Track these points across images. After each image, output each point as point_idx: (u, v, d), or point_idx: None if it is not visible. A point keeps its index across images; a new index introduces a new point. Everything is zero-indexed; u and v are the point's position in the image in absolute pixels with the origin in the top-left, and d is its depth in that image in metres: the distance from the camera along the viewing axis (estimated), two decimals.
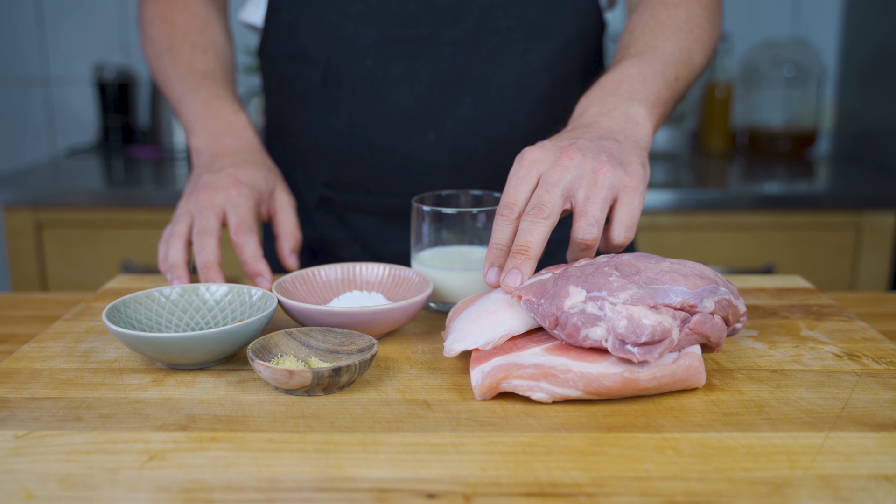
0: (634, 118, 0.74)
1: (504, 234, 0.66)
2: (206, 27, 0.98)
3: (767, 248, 1.77)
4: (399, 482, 0.47)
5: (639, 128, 0.74)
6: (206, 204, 0.81)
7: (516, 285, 0.63)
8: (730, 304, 0.61)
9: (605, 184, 0.66)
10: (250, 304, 0.70)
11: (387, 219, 0.98)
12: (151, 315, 0.69)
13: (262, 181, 0.85)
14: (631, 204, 0.68)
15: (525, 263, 0.63)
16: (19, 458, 0.50)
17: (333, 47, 0.92)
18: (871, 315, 0.83)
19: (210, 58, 0.95)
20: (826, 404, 0.57)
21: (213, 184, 0.82)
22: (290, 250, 0.86)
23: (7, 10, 2.24)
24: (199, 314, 0.71)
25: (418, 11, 0.90)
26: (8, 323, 0.83)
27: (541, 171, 0.67)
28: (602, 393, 0.57)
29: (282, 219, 0.87)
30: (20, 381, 0.62)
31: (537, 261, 0.64)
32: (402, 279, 0.77)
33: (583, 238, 0.66)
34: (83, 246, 1.76)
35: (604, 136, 0.71)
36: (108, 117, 2.18)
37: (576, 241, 0.66)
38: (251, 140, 0.91)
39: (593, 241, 0.66)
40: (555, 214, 0.65)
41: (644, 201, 0.70)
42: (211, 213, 0.80)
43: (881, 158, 1.98)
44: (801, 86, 2.13)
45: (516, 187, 0.67)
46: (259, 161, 0.88)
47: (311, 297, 0.76)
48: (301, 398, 0.59)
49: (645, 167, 0.70)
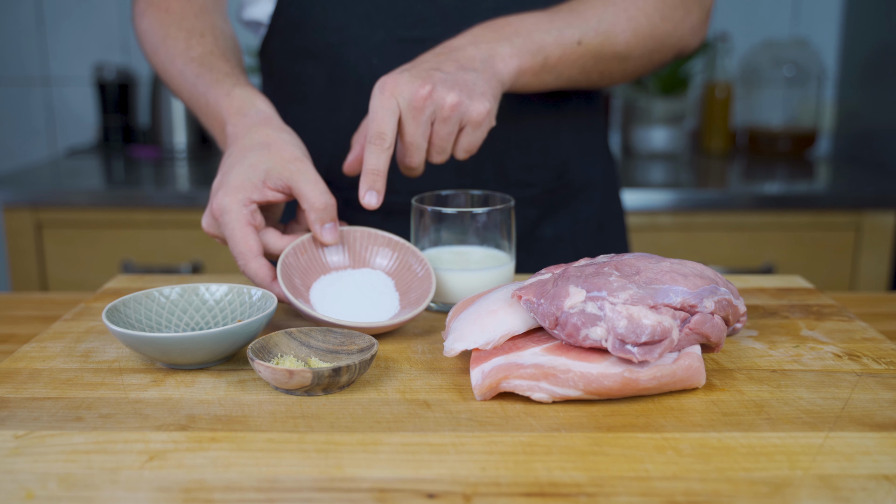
0: (500, 55, 0.80)
1: (379, 161, 0.74)
2: (203, 12, 0.94)
3: (767, 248, 1.77)
4: (399, 482, 0.47)
5: (500, 64, 0.80)
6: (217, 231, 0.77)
7: (376, 204, 0.74)
8: (730, 304, 0.61)
9: (453, 119, 0.75)
10: (250, 304, 0.70)
11: (388, 217, 0.98)
12: (151, 315, 0.69)
13: (254, 172, 0.75)
14: (473, 135, 0.78)
15: (378, 181, 0.74)
16: (19, 458, 0.50)
17: (340, 45, 0.92)
18: (871, 315, 0.83)
19: (207, 40, 0.90)
20: (826, 404, 0.57)
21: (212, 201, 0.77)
22: (321, 222, 0.75)
23: (7, 10, 2.24)
24: (199, 314, 0.71)
25: (426, 12, 0.91)
26: (8, 323, 0.83)
27: (400, 101, 0.74)
28: (602, 393, 0.57)
29: (301, 189, 0.74)
30: (20, 381, 0.62)
31: (385, 179, 0.75)
32: (407, 264, 0.77)
33: (407, 163, 0.78)
34: (83, 246, 1.76)
35: (464, 65, 0.78)
36: (108, 117, 2.18)
37: (401, 162, 0.78)
38: (247, 118, 0.81)
39: (417, 164, 0.78)
40: (393, 143, 0.74)
41: (487, 129, 0.78)
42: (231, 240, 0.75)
43: (881, 158, 1.98)
44: (801, 86, 2.13)
45: (384, 118, 0.74)
46: (255, 143, 0.77)
47: (312, 266, 0.76)
48: (301, 398, 0.59)
49: (496, 99, 0.78)
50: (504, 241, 0.79)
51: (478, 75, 0.77)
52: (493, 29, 0.82)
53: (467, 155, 0.79)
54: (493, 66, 0.79)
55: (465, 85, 0.76)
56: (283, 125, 0.81)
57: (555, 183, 1.00)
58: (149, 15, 0.94)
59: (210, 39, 0.90)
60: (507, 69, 0.80)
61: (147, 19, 0.94)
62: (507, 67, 0.80)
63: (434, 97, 0.74)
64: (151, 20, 0.93)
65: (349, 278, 0.75)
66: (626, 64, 0.90)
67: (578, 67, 0.86)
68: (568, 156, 1.00)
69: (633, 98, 2.16)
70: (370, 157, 0.74)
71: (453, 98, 0.74)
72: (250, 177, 0.74)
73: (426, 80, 0.74)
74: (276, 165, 0.75)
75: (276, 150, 0.76)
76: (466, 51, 0.79)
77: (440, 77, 0.75)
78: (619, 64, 0.89)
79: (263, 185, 0.74)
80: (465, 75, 0.76)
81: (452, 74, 0.76)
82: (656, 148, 2.14)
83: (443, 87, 0.74)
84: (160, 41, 0.91)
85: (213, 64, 0.87)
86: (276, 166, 0.75)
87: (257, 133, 0.78)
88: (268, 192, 0.75)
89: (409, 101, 0.74)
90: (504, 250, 0.79)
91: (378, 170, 0.74)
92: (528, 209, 0.98)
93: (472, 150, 0.79)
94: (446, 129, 0.76)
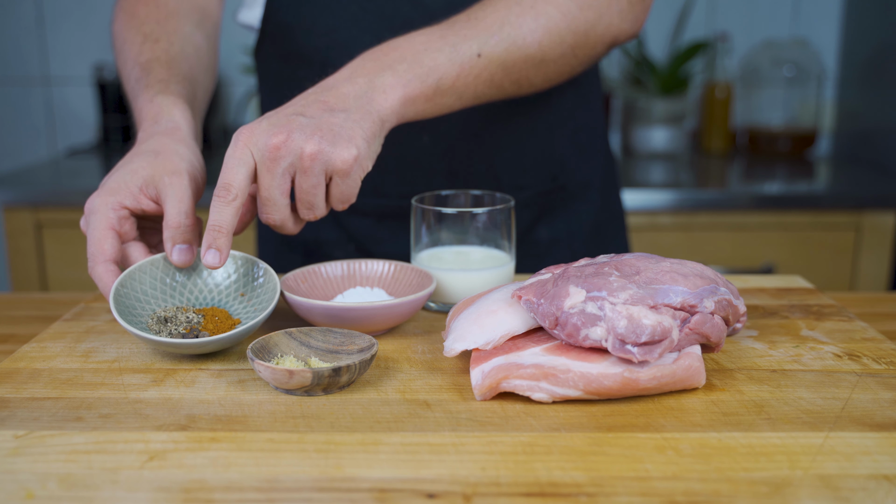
0: (380, 87, 0.73)
1: (222, 215, 0.67)
2: (169, 19, 0.89)
3: (767, 248, 1.77)
4: (399, 482, 0.47)
5: (380, 97, 0.73)
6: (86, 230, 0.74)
7: (217, 263, 0.67)
8: (730, 304, 0.61)
9: (315, 170, 0.69)
10: (254, 278, 0.72)
11: (381, 220, 0.98)
12: (156, 283, 0.70)
13: (132, 178, 0.72)
14: (344, 185, 0.71)
15: (219, 238, 0.67)
16: (19, 458, 0.50)
17: (329, 49, 0.92)
18: (871, 315, 0.83)
19: (160, 46, 0.85)
20: (826, 404, 0.57)
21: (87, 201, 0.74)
22: (172, 241, 0.70)
23: (7, 10, 2.24)
24: (205, 285, 0.72)
25: (413, 14, 0.90)
26: (8, 323, 0.83)
27: (254, 153, 0.68)
28: (602, 393, 0.57)
29: (165, 204, 0.71)
30: (20, 381, 0.62)
31: (231, 237, 0.68)
32: (405, 276, 0.77)
33: (265, 219, 0.71)
34: (83, 246, 1.74)
35: (332, 107, 0.71)
36: (108, 117, 2.18)
37: (262, 219, 0.71)
38: (156, 126, 0.78)
39: (280, 222, 0.71)
40: (241, 196, 0.68)
41: (361, 177, 0.72)
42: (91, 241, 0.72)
43: (881, 158, 1.98)
44: (801, 86, 2.13)
45: (233, 168, 0.67)
46: (146, 150, 0.75)
47: (313, 293, 0.76)
48: (301, 398, 0.59)
49: (369, 141, 0.71)
50: (504, 241, 0.79)
51: (347, 116, 0.70)
52: (374, 57, 0.75)
53: (344, 206, 0.73)
54: (370, 101, 0.72)
55: (329, 130, 0.69)
56: (187, 138, 0.77)
57: (549, 185, 0.99)
58: (118, 19, 0.92)
59: (163, 45, 0.86)
60: (388, 102, 0.73)
61: (116, 23, 0.92)
62: (388, 100, 0.73)
63: (290, 146, 0.67)
64: (119, 24, 0.92)
65: (350, 294, 0.76)
66: (546, 67, 0.82)
67: (485, 82, 0.78)
68: (563, 157, 1.00)
69: (633, 98, 2.16)
70: (213, 211, 0.67)
71: (312, 147, 0.67)
72: (128, 182, 0.71)
73: (282, 129, 0.68)
74: (154, 174, 0.72)
75: (162, 160, 0.73)
76: (340, 89, 0.72)
77: (300, 124, 0.68)
78: (537, 69, 0.81)
79: (140, 192, 0.72)
80: (331, 118, 0.70)
81: (316, 119, 0.69)
82: (656, 148, 2.14)
83: (301, 134, 0.68)
84: (120, 45, 0.90)
85: (153, 70, 0.83)
86: (154, 175, 0.72)
87: (154, 141, 0.75)
88: (143, 199, 0.72)
89: (262, 151, 0.67)
90: (504, 250, 0.79)
91: (220, 225, 0.67)
92: (522, 211, 0.97)
93: (349, 201, 0.72)
94: (309, 181, 0.69)
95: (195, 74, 0.87)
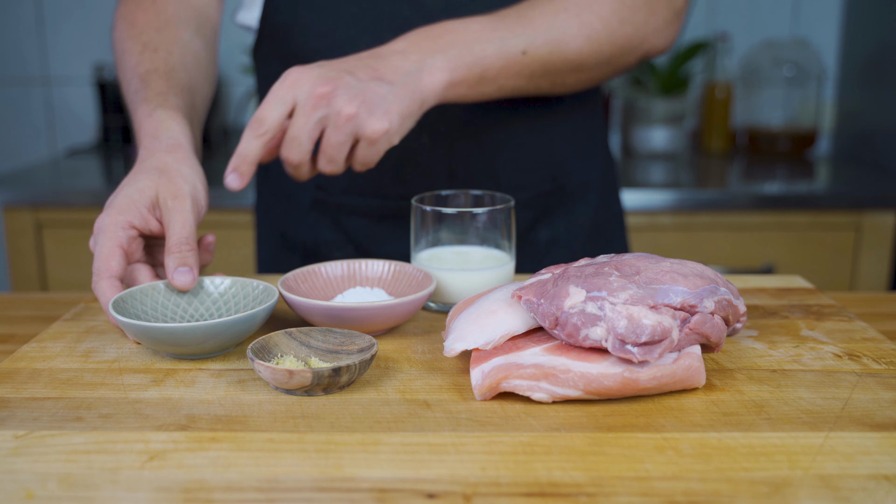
0: (430, 67, 0.77)
1: (249, 145, 0.72)
2: (167, 26, 0.89)
3: (767, 248, 1.77)
4: (399, 482, 0.48)
5: (427, 78, 0.77)
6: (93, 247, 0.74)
7: (238, 186, 0.72)
8: (730, 304, 0.61)
9: (346, 130, 0.73)
10: (253, 297, 0.71)
11: (380, 221, 0.98)
12: (157, 307, 0.70)
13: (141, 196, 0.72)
14: (368, 151, 0.75)
15: (243, 165, 0.72)
16: (19, 458, 0.50)
17: (328, 49, 0.91)
18: (871, 315, 0.83)
19: (159, 56, 0.86)
20: (826, 404, 0.57)
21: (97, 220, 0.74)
22: (174, 264, 0.70)
23: (7, 10, 2.24)
24: (204, 306, 0.72)
25: (411, 15, 0.90)
26: (8, 323, 0.83)
27: (297, 97, 0.72)
28: (602, 393, 0.57)
29: (168, 227, 0.72)
30: (20, 381, 0.62)
31: (255, 166, 0.73)
32: (405, 275, 0.77)
33: (286, 156, 0.74)
34: (83, 246, 1.76)
35: (381, 76, 0.74)
36: (108, 117, 2.18)
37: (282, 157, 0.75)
38: (157, 142, 0.78)
39: (297, 163, 0.75)
40: (272, 132, 0.72)
41: (386, 149, 0.76)
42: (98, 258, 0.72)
43: (881, 158, 1.98)
44: (801, 86, 2.13)
45: (272, 105, 0.71)
46: (151, 167, 0.75)
47: (313, 293, 0.76)
48: (301, 398, 0.59)
49: (404, 118, 0.75)
50: (504, 240, 0.79)
51: (391, 89, 0.74)
52: (430, 37, 0.78)
53: (363, 168, 0.77)
54: (417, 80, 0.76)
55: (371, 98, 0.72)
56: (188, 156, 0.77)
57: (549, 186, 0.99)
58: (118, 27, 0.92)
59: (162, 55, 0.86)
60: (433, 84, 0.77)
61: (116, 31, 0.92)
62: (434, 82, 0.77)
63: (332, 101, 0.71)
64: (119, 32, 0.91)
65: (350, 294, 0.76)
66: (581, 73, 0.87)
67: (524, 77, 0.83)
68: (563, 158, 1.00)
69: (634, 98, 2.16)
70: (243, 141, 0.72)
71: (350, 109, 0.71)
72: (136, 201, 0.71)
73: (329, 82, 0.71)
74: (161, 195, 0.72)
75: (166, 181, 0.73)
76: (392, 60, 0.76)
77: (346, 83, 0.72)
78: (574, 73, 0.86)
79: (148, 213, 0.72)
80: (377, 87, 0.73)
81: (362, 83, 0.73)
82: (656, 148, 2.15)
83: (345, 93, 0.71)
84: (120, 53, 0.90)
85: (151, 81, 0.83)
86: (161, 196, 0.72)
87: (157, 159, 0.75)
88: (151, 220, 0.72)
89: (306, 95, 0.71)
90: (504, 250, 0.79)
91: (246, 154, 0.72)
92: (522, 212, 0.97)
93: (368, 165, 0.77)
94: (338, 137, 0.73)
95: (194, 83, 0.87)
